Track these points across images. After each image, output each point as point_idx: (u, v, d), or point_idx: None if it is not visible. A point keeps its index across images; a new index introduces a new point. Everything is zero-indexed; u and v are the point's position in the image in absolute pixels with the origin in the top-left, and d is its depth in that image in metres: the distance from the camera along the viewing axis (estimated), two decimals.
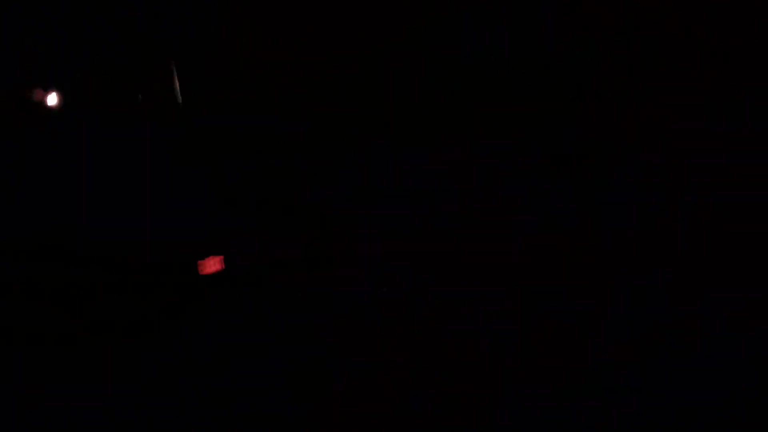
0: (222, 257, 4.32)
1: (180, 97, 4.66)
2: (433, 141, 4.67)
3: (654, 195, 4.61)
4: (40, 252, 4.47)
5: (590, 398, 4.02)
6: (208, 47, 4.73)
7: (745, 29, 4.71)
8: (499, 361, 4.19)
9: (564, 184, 4.64)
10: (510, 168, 4.65)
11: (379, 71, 4.75)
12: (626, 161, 4.66)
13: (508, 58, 4.74)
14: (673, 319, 4.30)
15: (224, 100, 4.71)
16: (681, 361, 4.15)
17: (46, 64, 4.60)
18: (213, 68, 4.73)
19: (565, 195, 4.62)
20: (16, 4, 4.57)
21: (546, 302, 4.38)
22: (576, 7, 4.73)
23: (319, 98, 4.75)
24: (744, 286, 4.37)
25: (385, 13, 4.78)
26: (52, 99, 4.56)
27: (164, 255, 4.50)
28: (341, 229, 4.59)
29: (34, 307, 4.37)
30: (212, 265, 4.34)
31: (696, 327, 4.26)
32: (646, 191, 4.61)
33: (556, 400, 4.01)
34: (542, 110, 4.71)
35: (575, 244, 4.52)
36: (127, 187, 4.58)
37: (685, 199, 4.58)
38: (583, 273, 4.45)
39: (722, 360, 4.12)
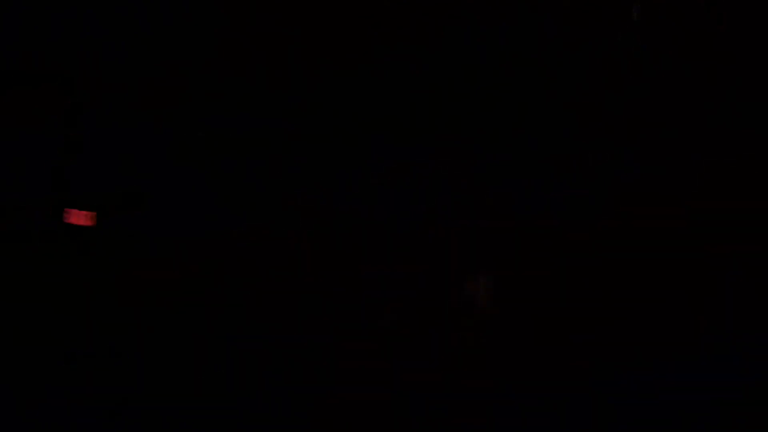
0: (91, 214, 4.25)
1: (180, 97, 4.66)
2: (433, 141, 4.67)
3: (653, 194, 4.62)
4: (39, 250, 4.47)
5: (589, 397, 4.03)
6: (208, 47, 4.73)
7: (743, 29, 4.72)
8: (498, 359, 4.19)
9: (563, 184, 4.64)
10: (509, 167, 4.65)
11: (379, 71, 4.75)
12: (624, 161, 4.67)
13: (508, 58, 4.74)
14: (672, 318, 4.31)
15: (224, 100, 4.72)
16: (680, 360, 4.15)
17: (46, 63, 4.60)
18: (213, 68, 4.73)
19: (564, 194, 4.62)
20: (18, 3, 4.58)
21: (545, 300, 4.39)
22: (576, 7, 4.74)
23: (319, 98, 4.75)
24: (743, 285, 4.38)
25: (385, 14, 4.79)
26: (53, 98, 4.56)
27: (162, 252, 4.50)
28: (341, 230, 4.60)
29: (34, 307, 4.37)
30: (78, 218, 4.29)
31: (695, 326, 4.27)
32: (646, 190, 4.62)
33: (555, 399, 4.02)
34: (542, 110, 4.71)
35: (575, 243, 4.53)
36: (126, 186, 4.58)
37: (685, 198, 4.59)
38: (583, 271, 4.46)
39: (722, 360, 4.12)
